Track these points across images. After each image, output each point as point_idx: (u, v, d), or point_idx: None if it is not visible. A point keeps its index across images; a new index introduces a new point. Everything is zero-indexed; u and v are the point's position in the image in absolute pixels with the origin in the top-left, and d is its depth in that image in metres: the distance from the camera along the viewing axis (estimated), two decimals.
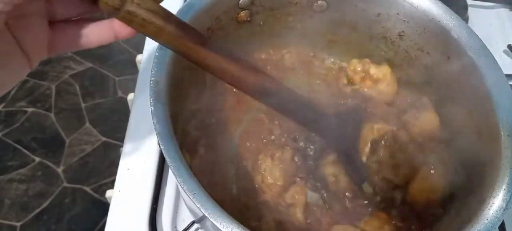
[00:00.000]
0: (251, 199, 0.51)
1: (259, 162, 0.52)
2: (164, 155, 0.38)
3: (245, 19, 0.56)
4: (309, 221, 0.51)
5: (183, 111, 0.53)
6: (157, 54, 0.44)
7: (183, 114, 0.53)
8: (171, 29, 0.36)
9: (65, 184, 1.46)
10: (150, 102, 0.40)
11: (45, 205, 1.42)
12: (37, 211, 1.41)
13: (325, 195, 0.52)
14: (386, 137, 0.53)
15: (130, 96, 0.68)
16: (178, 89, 0.46)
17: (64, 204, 1.43)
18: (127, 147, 0.60)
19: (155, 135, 0.39)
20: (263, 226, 0.49)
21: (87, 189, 1.46)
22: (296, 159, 0.54)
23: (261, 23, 0.58)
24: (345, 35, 0.61)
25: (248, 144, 0.55)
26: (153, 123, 0.39)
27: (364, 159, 0.53)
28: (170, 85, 0.44)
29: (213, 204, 0.37)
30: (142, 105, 0.65)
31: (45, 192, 1.44)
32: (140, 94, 0.66)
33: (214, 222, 0.36)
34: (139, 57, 0.73)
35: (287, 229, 0.49)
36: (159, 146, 0.38)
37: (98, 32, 0.35)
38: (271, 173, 0.51)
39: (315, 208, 0.51)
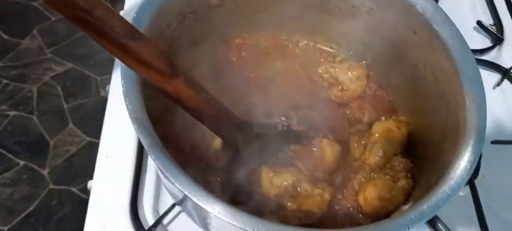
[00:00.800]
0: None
1: None
2: (136, 132, 0.38)
3: (216, 2, 0.57)
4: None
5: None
6: None
7: (162, 99, 0.53)
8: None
9: (51, 186, 1.45)
10: (122, 84, 0.41)
11: (32, 208, 1.41)
12: (24, 214, 1.39)
13: None
14: (287, 190, 0.50)
15: (108, 87, 0.68)
16: None
17: (51, 206, 1.42)
18: (105, 135, 0.61)
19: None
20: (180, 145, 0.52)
21: (74, 189, 1.45)
22: None
23: (233, 7, 0.59)
24: (317, 16, 0.63)
25: None
26: (125, 103, 0.40)
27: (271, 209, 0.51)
28: None
29: (188, 179, 0.38)
30: (118, 92, 0.65)
31: (31, 195, 1.43)
32: (116, 82, 0.67)
33: (189, 195, 0.37)
34: None
35: (194, 157, 0.53)
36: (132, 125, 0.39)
37: None
38: None
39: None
